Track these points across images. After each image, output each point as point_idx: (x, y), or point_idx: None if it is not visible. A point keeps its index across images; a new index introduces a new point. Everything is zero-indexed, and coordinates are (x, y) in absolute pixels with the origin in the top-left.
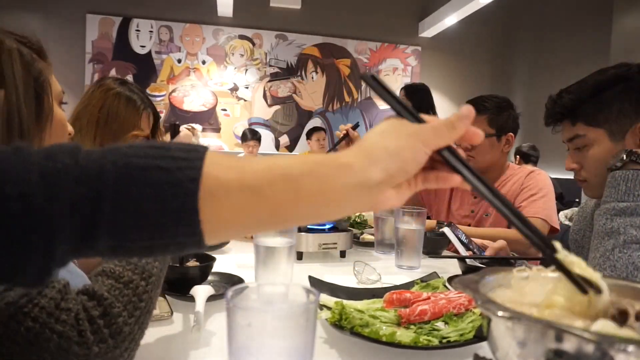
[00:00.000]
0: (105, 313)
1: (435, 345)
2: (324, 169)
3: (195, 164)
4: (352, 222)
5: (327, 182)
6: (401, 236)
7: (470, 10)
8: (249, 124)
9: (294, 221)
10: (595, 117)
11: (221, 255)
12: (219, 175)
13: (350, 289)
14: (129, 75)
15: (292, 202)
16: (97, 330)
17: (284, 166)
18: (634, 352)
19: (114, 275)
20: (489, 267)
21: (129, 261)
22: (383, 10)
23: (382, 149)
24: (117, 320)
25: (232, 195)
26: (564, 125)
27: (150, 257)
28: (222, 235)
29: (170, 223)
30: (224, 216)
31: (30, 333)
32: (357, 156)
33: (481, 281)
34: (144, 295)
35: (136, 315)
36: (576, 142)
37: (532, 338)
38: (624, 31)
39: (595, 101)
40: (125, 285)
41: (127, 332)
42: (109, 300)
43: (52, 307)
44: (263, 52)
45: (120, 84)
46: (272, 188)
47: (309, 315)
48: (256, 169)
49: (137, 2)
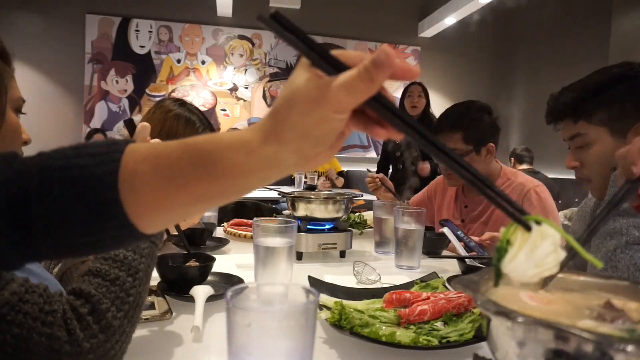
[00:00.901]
0: (94, 309)
1: (434, 345)
2: (234, 155)
3: (113, 157)
4: (352, 222)
5: (237, 167)
6: (401, 236)
7: (469, 10)
8: (248, 124)
9: (218, 199)
10: (597, 115)
11: (221, 255)
12: (136, 166)
13: (350, 289)
14: (129, 76)
15: (207, 183)
16: (87, 327)
17: (196, 147)
18: (634, 352)
19: (100, 274)
20: (488, 267)
21: (115, 259)
22: (383, 10)
23: (290, 129)
24: (105, 315)
25: (149, 185)
26: (565, 123)
27: (94, 254)
28: (157, 223)
29: (95, 218)
30: (149, 204)
31: (18, 340)
32: (268, 140)
33: (481, 281)
34: (132, 290)
35: (125, 310)
36: (577, 140)
37: (532, 338)
38: (623, 32)
39: (598, 100)
40: (111, 282)
41: (117, 325)
42: (96, 297)
43: (36, 311)
44: (262, 52)
45: (179, 105)
46: (184, 174)
47: (308, 316)
48: (170, 155)
49: (136, 2)
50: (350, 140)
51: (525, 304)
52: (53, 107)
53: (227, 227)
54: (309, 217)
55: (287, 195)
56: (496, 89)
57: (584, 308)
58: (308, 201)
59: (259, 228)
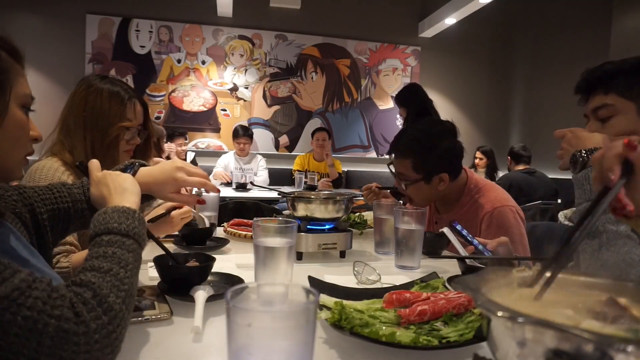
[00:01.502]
0: (96, 294)
1: (435, 345)
2: None
3: None
4: (352, 222)
5: None
6: (401, 236)
7: (470, 10)
8: (248, 124)
9: None
10: (630, 89)
11: (221, 255)
12: None
13: (350, 289)
14: (129, 75)
15: None
16: (92, 309)
17: None
18: (634, 352)
19: (94, 268)
20: (488, 267)
21: (104, 256)
22: (383, 10)
23: None
24: (107, 299)
25: None
26: (594, 94)
27: None
28: None
29: None
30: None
31: (28, 321)
32: None
33: (481, 281)
34: (125, 279)
35: (122, 296)
36: (602, 111)
37: (532, 338)
38: (624, 31)
39: (635, 75)
40: (106, 273)
41: (118, 309)
42: (96, 284)
43: (45, 296)
44: (263, 52)
45: (101, 79)
46: None
47: (308, 316)
48: None
49: (136, 2)
50: (350, 140)
51: (525, 304)
52: (53, 107)
53: (227, 227)
54: (309, 217)
55: (287, 195)
56: (496, 89)
57: (586, 309)
58: (308, 201)
59: (259, 228)
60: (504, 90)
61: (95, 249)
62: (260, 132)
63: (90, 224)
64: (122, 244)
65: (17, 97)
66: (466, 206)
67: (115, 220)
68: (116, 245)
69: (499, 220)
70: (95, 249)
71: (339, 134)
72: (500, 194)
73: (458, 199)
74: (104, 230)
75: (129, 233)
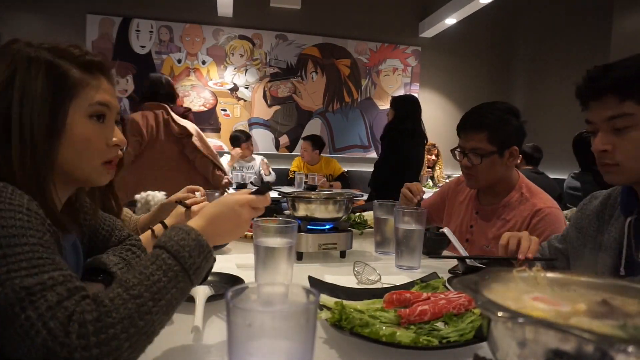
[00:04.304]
0: (99, 320)
1: (435, 345)
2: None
3: None
4: (353, 222)
5: None
6: (401, 236)
7: (470, 10)
8: (249, 124)
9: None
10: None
11: (221, 255)
12: None
13: (350, 289)
14: (129, 76)
15: None
16: (84, 335)
17: None
18: (634, 352)
19: (126, 285)
20: (489, 267)
21: (148, 277)
22: (383, 10)
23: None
24: (107, 330)
25: None
26: (605, 100)
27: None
28: None
29: None
30: None
31: (27, 322)
32: None
33: (481, 281)
34: (147, 316)
35: (130, 333)
36: (619, 121)
37: (532, 338)
38: (624, 32)
39: None
40: (132, 297)
41: (114, 347)
42: (106, 308)
43: (54, 302)
44: (263, 52)
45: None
46: None
47: (308, 316)
48: None
49: (137, 3)
50: (351, 140)
51: (525, 304)
52: None
53: None
54: (309, 217)
55: (287, 196)
56: (496, 89)
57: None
58: (308, 201)
59: (259, 228)
60: (504, 90)
61: (149, 260)
62: (260, 132)
63: (166, 230)
64: (175, 277)
65: (82, 108)
66: (514, 199)
67: (188, 250)
68: (169, 275)
69: (553, 220)
70: (149, 260)
71: (339, 134)
72: (552, 200)
73: (507, 192)
74: (172, 252)
75: (190, 270)
